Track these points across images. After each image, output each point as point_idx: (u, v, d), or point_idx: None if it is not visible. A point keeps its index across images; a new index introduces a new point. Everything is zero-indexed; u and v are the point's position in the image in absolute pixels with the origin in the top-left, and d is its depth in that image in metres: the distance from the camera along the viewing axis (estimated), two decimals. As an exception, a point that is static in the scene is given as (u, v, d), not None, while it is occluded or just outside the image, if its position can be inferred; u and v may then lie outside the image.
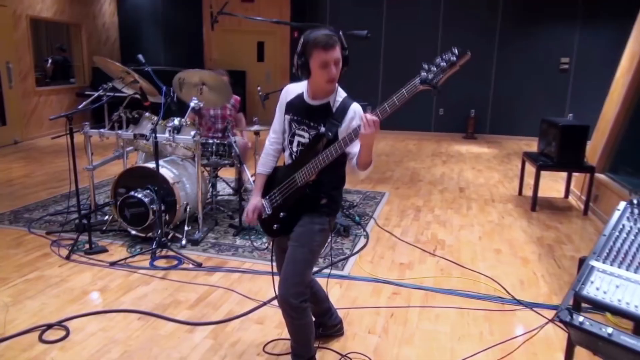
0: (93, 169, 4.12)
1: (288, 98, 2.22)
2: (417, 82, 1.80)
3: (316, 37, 1.96)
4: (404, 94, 1.81)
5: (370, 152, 1.96)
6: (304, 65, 2.00)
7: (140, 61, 4.64)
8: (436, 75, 1.78)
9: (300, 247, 2.13)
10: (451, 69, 1.78)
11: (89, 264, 3.47)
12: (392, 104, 1.83)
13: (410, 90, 1.81)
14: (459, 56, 1.76)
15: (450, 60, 1.76)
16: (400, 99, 1.82)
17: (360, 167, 2.02)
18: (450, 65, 1.77)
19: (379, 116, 1.85)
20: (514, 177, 6.56)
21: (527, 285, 3.37)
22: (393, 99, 1.82)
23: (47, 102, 8.81)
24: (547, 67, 9.59)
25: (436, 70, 1.78)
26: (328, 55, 1.95)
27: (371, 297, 3.12)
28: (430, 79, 1.79)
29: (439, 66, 1.78)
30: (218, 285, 3.20)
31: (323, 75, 1.99)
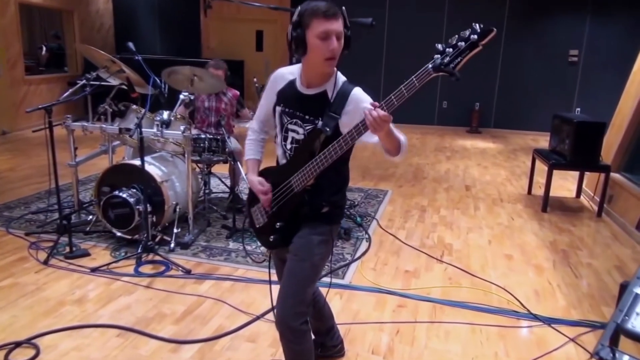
0: (76, 165, 3.84)
1: (278, 86, 1.91)
2: (429, 68, 1.51)
3: (316, 5, 1.67)
4: (414, 82, 1.52)
5: (392, 138, 1.66)
6: (299, 39, 1.69)
7: (131, 49, 4.34)
8: (453, 58, 1.49)
9: (300, 261, 1.85)
10: (472, 51, 1.48)
11: (68, 269, 3.20)
12: (399, 95, 1.54)
13: (422, 78, 1.52)
14: (481, 34, 1.46)
15: (471, 40, 1.47)
16: (410, 88, 1.53)
17: (390, 155, 1.74)
18: (471, 46, 1.48)
19: (384, 109, 1.55)
20: (522, 175, 6.29)
21: (542, 297, 3.11)
22: (401, 89, 1.53)
23: (37, 92, 8.48)
24: (555, 59, 9.27)
25: (453, 53, 1.49)
26: (329, 25, 1.65)
27: (375, 311, 2.86)
28: (445, 63, 1.49)
29: (456, 47, 1.49)
30: (207, 296, 2.93)
31: (322, 50, 1.67)
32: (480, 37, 1.46)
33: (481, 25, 1.48)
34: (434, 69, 1.51)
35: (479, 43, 1.47)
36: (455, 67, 1.49)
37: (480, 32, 1.46)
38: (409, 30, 9.67)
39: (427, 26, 9.55)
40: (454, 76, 1.50)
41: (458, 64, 1.49)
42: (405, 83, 1.53)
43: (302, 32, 1.68)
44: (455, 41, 1.50)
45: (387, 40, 9.86)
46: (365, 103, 1.74)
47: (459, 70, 1.50)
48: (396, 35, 9.79)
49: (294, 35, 1.70)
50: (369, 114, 1.55)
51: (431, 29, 9.52)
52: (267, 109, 1.98)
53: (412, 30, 9.64)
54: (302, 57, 1.75)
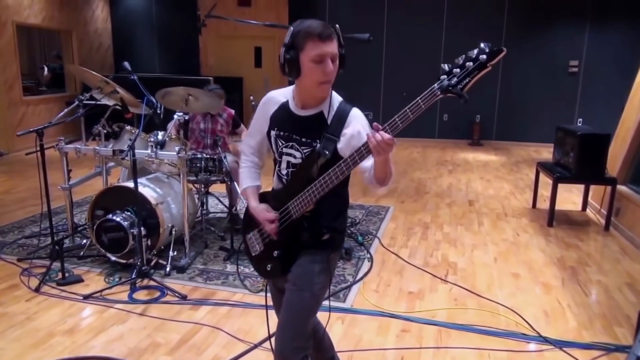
0: (69, 188, 3.76)
1: (270, 110, 1.82)
2: (436, 90, 1.42)
3: (310, 26, 1.58)
4: (420, 104, 1.44)
5: (386, 166, 1.58)
6: (293, 62, 1.60)
7: (126, 68, 4.29)
8: (461, 79, 1.41)
9: (299, 291, 1.74)
10: (481, 72, 1.40)
11: (60, 297, 3.10)
12: (404, 117, 1.45)
13: (428, 100, 1.43)
14: (490, 55, 1.38)
15: (480, 61, 1.38)
16: (415, 110, 1.44)
17: (378, 183, 1.65)
18: (480, 66, 1.39)
19: (388, 132, 1.47)
20: (526, 188, 6.19)
21: (552, 318, 2.99)
22: (406, 111, 1.45)
23: (35, 112, 8.45)
24: (555, 70, 9.22)
25: (460, 73, 1.40)
26: (325, 47, 1.57)
27: (377, 336, 2.74)
28: (453, 84, 1.41)
29: (464, 68, 1.40)
30: (203, 323, 2.82)
31: (317, 73, 1.59)
32: (490, 57, 1.38)
33: (489, 45, 1.40)
34: (441, 91, 1.42)
35: (487, 64, 1.39)
36: (463, 88, 1.41)
37: (489, 52, 1.38)
38: (407, 43, 9.64)
39: (426, 39, 9.52)
40: (463, 98, 1.41)
41: (466, 85, 1.41)
42: (410, 105, 1.45)
43: (295, 54, 1.60)
44: (462, 61, 1.42)
45: (386, 54, 9.83)
46: (364, 123, 1.67)
47: (467, 92, 1.42)
48: (394, 48, 9.76)
49: (287, 57, 1.61)
50: (373, 137, 1.46)
51: (430, 42, 9.50)
52: (258, 136, 1.90)
53: (411, 44, 9.61)
54: (295, 79, 1.67)
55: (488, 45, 1.40)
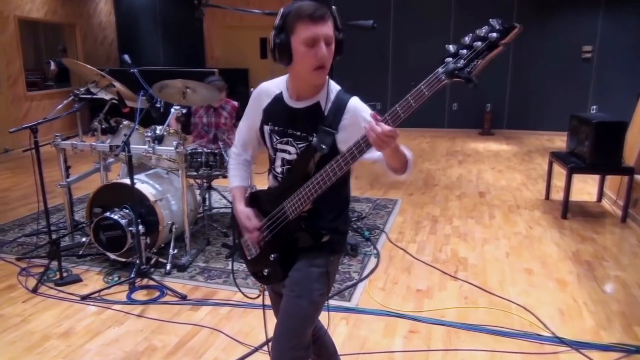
0: (67, 185, 3.67)
1: (263, 103, 1.68)
2: (440, 74, 1.26)
3: (300, 6, 1.44)
4: (423, 91, 1.27)
5: (397, 154, 1.45)
6: (283, 46, 1.46)
7: (126, 61, 4.20)
8: (469, 61, 1.24)
9: (297, 298, 1.62)
10: (491, 52, 1.23)
11: (57, 298, 3.01)
12: (406, 106, 1.30)
13: (432, 85, 1.27)
14: (502, 32, 1.21)
15: (490, 39, 1.21)
16: (418, 98, 1.28)
17: (396, 173, 1.52)
18: (490, 46, 1.22)
19: (389, 123, 1.32)
20: (538, 178, 6.01)
21: (568, 317, 2.84)
22: (408, 99, 1.29)
23: (40, 107, 8.40)
24: (568, 56, 8.95)
25: (468, 54, 1.24)
26: (317, 29, 1.42)
27: (384, 338, 2.62)
28: (459, 67, 1.24)
29: (471, 48, 1.24)
30: (203, 325, 2.72)
31: (309, 57, 1.45)
32: (501, 35, 1.21)
33: (500, 21, 1.22)
34: (446, 75, 1.25)
35: (499, 42, 1.22)
36: (471, 71, 1.24)
37: (500, 30, 1.21)
38: (415, 29, 9.43)
39: (434, 24, 9.30)
40: (471, 82, 1.25)
41: (475, 67, 1.24)
42: (412, 92, 1.29)
43: (286, 37, 1.46)
44: (470, 41, 1.25)
45: (393, 41, 9.63)
46: (364, 114, 1.52)
47: (476, 76, 1.25)
48: (402, 34, 9.55)
49: (276, 42, 1.48)
50: (371, 129, 1.32)
51: (438, 27, 9.27)
52: (249, 130, 1.77)
53: (419, 30, 9.39)
54: (286, 66, 1.54)
55: (499, 21, 1.23)
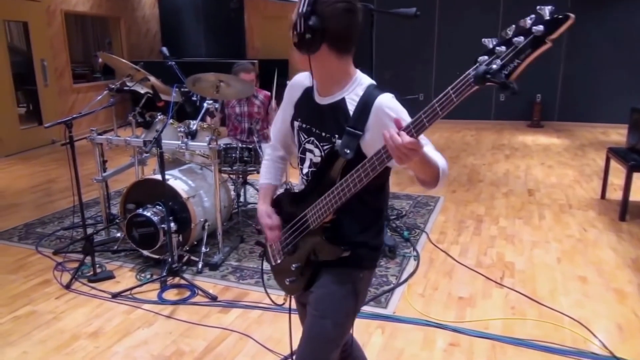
0: (103, 180, 3.66)
1: (295, 96, 1.54)
2: (470, 79, 1.05)
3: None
4: (452, 97, 1.07)
5: (426, 166, 1.24)
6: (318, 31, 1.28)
7: (164, 54, 4.16)
8: (507, 62, 1.01)
9: (321, 318, 1.48)
10: (536, 50, 0.99)
11: (89, 295, 3.00)
12: (431, 114, 1.11)
13: (462, 91, 1.07)
14: (551, 25, 0.97)
15: (534, 34, 0.98)
16: (446, 105, 1.08)
17: (422, 185, 1.33)
18: (534, 42, 0.98)
19: (412, 133, 1.13)
20: (592, 175, 5.61)
21: (627, 334, 2.58)
22: (434, 106, 1.10)
23: (86, 99, 8.58)
24: (629, 41, 8.31)
25: (506, 53, 1.01)
26: None
27: (422, 350, 2.44)
28: (494, 70, 1.01)
29: (511, 45, 1.01)
30: (232, 329, 2.62)
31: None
32: (550, 28, 0.97)
33: (551, 9, 0.98)
34: (476, 80, 1.04)
35: (546, 38, 0.98)
36: (509, 74, 1.02)
37: (548, 22, 0.97)
38: (461, 15, 9.03)
39: (482, 10, 8.88)
40: (508, 89, 1.02)
41: (514, 70, 1.01)
42: (439, 98, 1.09)
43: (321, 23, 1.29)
44: (511, 34, 1.02)
45: (438, 29, 9.26)
46: (391, 115, 1.31)
47: (515, 80, 1.02)
48: (448, 22, 9.17)
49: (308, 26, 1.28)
50: (390, 138, 1.14)
51: (486, 13, 8.85)
52: (283, 123, 1.63)
53: (466, 16, 8.99)
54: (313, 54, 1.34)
55: (550, 9, 0.98)
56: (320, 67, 1.37)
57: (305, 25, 1.28)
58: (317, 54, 1.33)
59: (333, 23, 1.29)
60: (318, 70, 1.39)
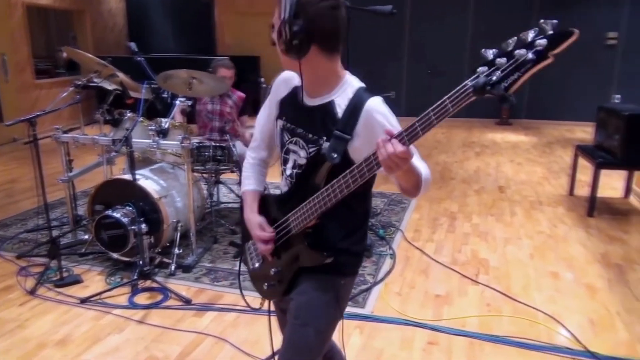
0: (69, 180, 3.52)
1: (281, 94, 1.49)
2: (469, 88, 1.04)
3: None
4: (448, 107, 1.06)
5: (409, 175, 1.22)
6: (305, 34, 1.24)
7: (132, 49, 4.02)
8: (507, 74, 1.01)
9: (302, 326, 1.44)
10: (537, 65, 0.99)
11: (55, 300, 2.87)
12: (426, 122, 1.08)
13: (459, 101, 1.05)
14: (554, 40, 0.97)
15: (537, 48, 0.98)
16: (441, 114, 1.07)
17: (404, 193, 1.30)
18: (537, 57, 0.98)
19: (404, 142, 1.11)
20: (560, 172, 5.74)
21: (600, 328, 2.63)
22: (429, 114, 1.08)
23: (49, 96, 8.27)
24: (591, 42, 8.54)
25: (506, 66, 1.01)
26: None
27: (401, 350, 2.43)
28: (494, 82, 1.01)
29: (512, 57, 1.00)
30: (207, 333, 2.55)
31: None
32: (553, 43, 0.97)
33: (554, 23, 0.98)
34: (475, 91, 1.03)
35: (549, 54, 0.98)
36: (508, 87, 1.01)
37: (552, 37, 0.97)
38: (432, 14, 9.11)
39: (453, 10, 8.98)
40: (507, 102, 1.02)
41: (513, 83, 1.01)
42: (435, 106, 1.07)
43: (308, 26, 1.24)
44: (512, 47, 1.01)
45: (411, 27, 9.32)
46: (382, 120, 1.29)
47: (514, 93, 1.02)
48: (419, 20, 9.23)
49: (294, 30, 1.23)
50: (383, 146, 1.11)
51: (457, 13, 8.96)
52: (267, 123, 1.57)
53: (436, 15, 9.08)
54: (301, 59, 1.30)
55: (553, 23, 0.99)
56: (310, 69, 1.32)
57: (290, 31, 1.23)
58: (307, 57, 1.28)
59: (319, 23, 1.25)
60: (308, 73, 1.34)
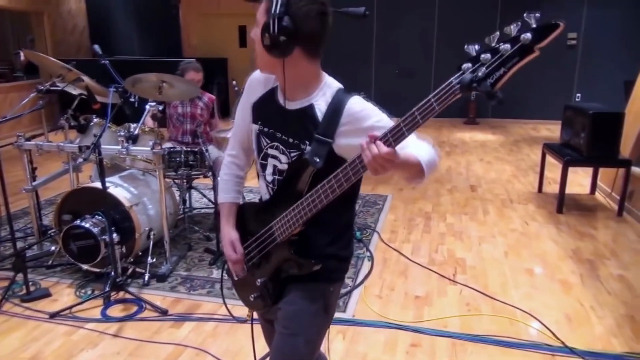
0: (33, 189, 3.36)
1: (255, 95, 1.43)
2: (454, 86, 1.02)
3: None
4: (433, 106, 1.04)
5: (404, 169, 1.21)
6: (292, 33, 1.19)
7: (97, 52, 3.88)
8: (492, 70, 0.99)
9: (291, 336, 1.40)
10: (523, 59, 0.98)
11: (23, 316, 2.73)
12: (411, 122, 1.07)
13: (444, 99, 1.04)
14: (540, 33, 0.96)
15: (522, 42, 0.97)
16: (426, 113, 1.05)
17: (408, 182, 1.29)
18: (522, 50, 0.97)
19: (390, 143, 1.09)
20: (529, 170, 5.87)
21: (576, 323, 2.69)
22: (414, 114, 1.06)
23: (6, 101, 7.94)
24: (552, 43, 8.79)
25: (491, 61, 0.99)
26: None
27: (384, 354, 2.42)
28: (480, 78, 1.00)
29: (497, 53, 0.99)
30: (186, 344, 2.48)
31: None
32: (538, 36, 0.96)
33: (538, 16, 0.97)
34: (461, 88, 1.01)
35: (534, 47, 0.97)
36: (494, 83, 1.00)
37: (537, 29, 0.96)
38: (399, 13, 9.20)
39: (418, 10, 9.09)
40: (494, 98, 1.01)
41: (499, 79, 1.00)
42: (420, 106, 1.05)
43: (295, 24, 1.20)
44: (496, 42, 1.00)
45: (377, 28, 9.38)
46: (367, 118, 1.26)
47: (500, 89, 1.01)
48: (385, 21, 9.31)
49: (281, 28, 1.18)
50: (367, 148, 1.09)
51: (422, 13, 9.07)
52: (242, 127, 1.51)
53: (402, 16, 9.16)
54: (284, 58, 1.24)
55: (536, 16, 0.97)
56: (291, 70, 1.28)
57: (279, 26, 1.18)
58: (289, 58, 1.24)
59: (307, 25, 1.20)
60: (289, 74, 1.29)
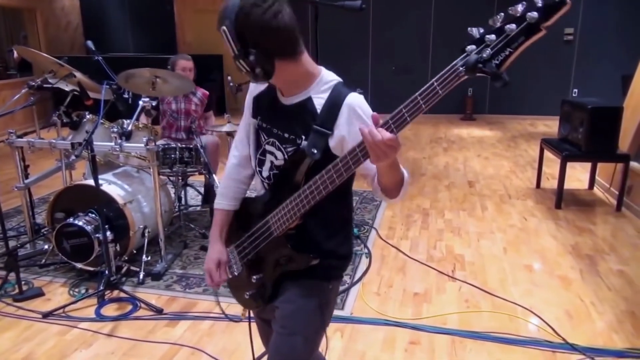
0: (25, 187, 3.31)
1: (258, 88, 1.42)
2: (459, 68, 0.98)
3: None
4: (437, 90, 1.01)
5: (394, 171, 1.17)
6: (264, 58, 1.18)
7: (90, 48, 3.82)
8: (498, 50, 0.96)
9: (289, 335, 1.36)
10: (529, 38, 0.95)
11: (15, 316, 2.69)
12: (413, 108, 1.03)
13: (448, 83, 1.00)
14: (546, 11, 0.92)
15: (528, 21, 0.93)
16: (430, 98, 1.01)
17: (385, 194, 1.25)
18: (528, 30, 0.94)
19: (392, 129, 1.05)
20: (526, 165, 5.85)
21: (576, 320, 2.66)
22: (417, 99, 1.02)
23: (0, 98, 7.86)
24: (549, 38, 8.77)
25: (497, 42, 0.96)
26: None
27: (383, 352, 2.38)
28: (485, 59, 0.96)
29: (502, 33, 0.96)
30: (182, 344, 2.44)
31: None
32: (544, 14, 0.92)
33: None
34: (467, 70, 0.98)
35: (541, 25, 0.93)
36: (500, 64, 0.97)
37: (543, 7, 0.92)
38: (395, 10, 9.15)
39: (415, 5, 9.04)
40: (500, 79, 0.97)
41: (505, 60, 0.97)
42: (423, 90, 1.02)
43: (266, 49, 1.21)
44: (501, 22, 0.97)
45: (373, 23, 9.33)
46: (363, 114, 1.24)
47: (506, 70, 0.98)
48: (382, 16, 9.26)
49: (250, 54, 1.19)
50: (369, 134, 1.05)
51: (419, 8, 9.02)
52: (247, 126, 1.47)
53: (399, 11, 9.12)
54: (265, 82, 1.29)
55: None
56: (280, 79, 1.27)
57: (248, 64, 1.19)
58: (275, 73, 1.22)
59: (271, 39, 1.18)
60: (280, 82, 1.29)
